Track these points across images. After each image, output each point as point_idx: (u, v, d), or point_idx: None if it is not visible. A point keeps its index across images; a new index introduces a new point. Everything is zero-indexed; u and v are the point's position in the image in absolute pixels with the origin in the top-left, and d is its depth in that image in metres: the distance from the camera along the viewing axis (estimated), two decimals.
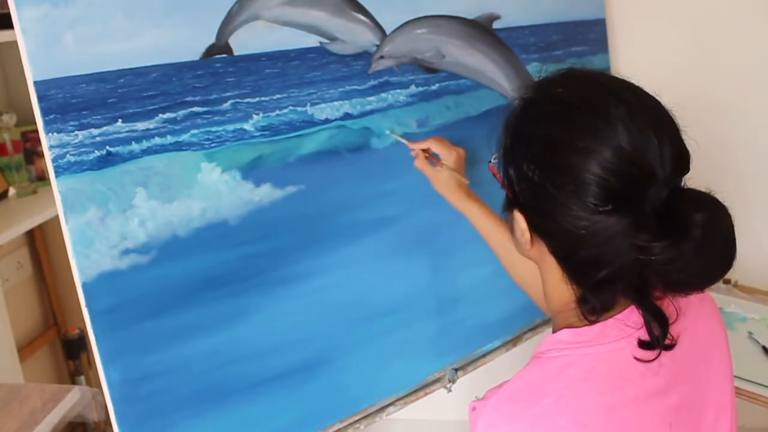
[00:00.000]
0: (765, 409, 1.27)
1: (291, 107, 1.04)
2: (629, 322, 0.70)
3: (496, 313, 1.30)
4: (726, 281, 1.62)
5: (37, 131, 0.84)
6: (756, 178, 1.64)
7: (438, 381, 1.23)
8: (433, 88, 1.21)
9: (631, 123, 0.65)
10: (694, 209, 0.63)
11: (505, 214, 0.78)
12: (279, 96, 1.03)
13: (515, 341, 1.34)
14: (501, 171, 0.76)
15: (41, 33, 0.82)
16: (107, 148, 0.88)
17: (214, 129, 0.96)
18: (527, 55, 1.36)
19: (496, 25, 1.29)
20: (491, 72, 1.29)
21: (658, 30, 1.66)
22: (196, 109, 0.95)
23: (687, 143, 0.68)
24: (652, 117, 0.67)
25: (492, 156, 0.79)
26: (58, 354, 2.08)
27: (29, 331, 1.97)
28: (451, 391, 1.24)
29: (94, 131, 0.87)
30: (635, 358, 0.69)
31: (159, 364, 0.92)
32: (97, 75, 0.86)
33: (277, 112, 1.02)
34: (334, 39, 1.08)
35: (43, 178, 1.88)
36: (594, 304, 0.71)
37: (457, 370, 1.25)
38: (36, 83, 0.82)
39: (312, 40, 1.05)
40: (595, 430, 0.66)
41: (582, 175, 0.65)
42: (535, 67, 1.36)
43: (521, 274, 1.07)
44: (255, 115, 1.00)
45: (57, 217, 0.86)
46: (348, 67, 1.10)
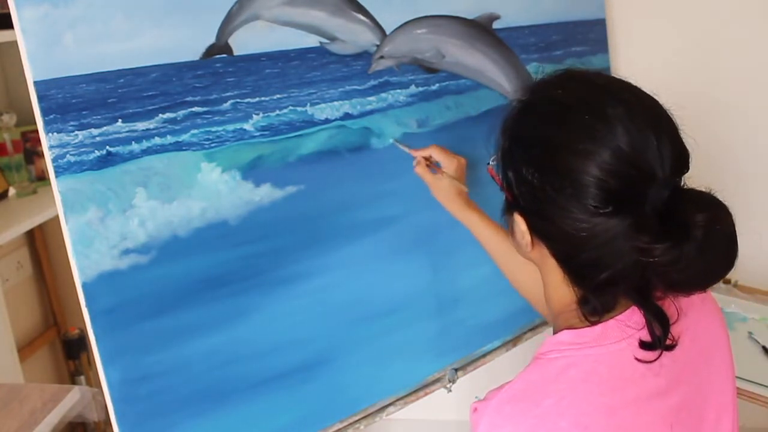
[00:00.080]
0: (765, 409, 1.27)
1: (291, 107, 1.04)
2: (630, 322, 0.70)
3: (496, 313, 1.30)
4: (726, 281, 1.62)
5: (37, 131, 0.84)
6: (756, 178, 1.64)
7: (438, 381, 1.23)
8: (433, 88, 1.21)
9: (630, 123, 0.65)
10: (695, 209, 0.63)
11: (505, 217, 0.78)
12: (279, 96, 1.03)
13: (515, 341, 1.34)
14: (500, 174, 0.76)
15: (41, 33, 0.82)
16: (107, 148, 0.88)
17: (214, 129, 0.96)
18: (527, 55, 1.36)
19: (496, 25, 1.29)
20: (491, 72, 1.29)
21: (658, 30, 1.66)
22: (196, 109, 0.95)
23: (686, 142, 0.68)
24: (651, 117, 0.67)
25: (490, 158, 0.78)
26: (58, 354, 2.08)
27: (29, 331, 1.97)
28: (451, 391, 1.24)
29: (94, 131, 0.87)
30: (636, 358, 0.69)
31: (159, 364, 0.92)
32: (97, 75, 0.86)
33: (277, 112, 1.02)
34: (334, 39, 1.08)
35: (43, 178, 1.88)
36: (595, 305, 0.71)
37: (457, 370, 1.25)
38: (36, 83, 0.82)
39: (312, 40, 1.05)
40: (596, 431, 0.66)
41: (581, 178, 0.65)
42: (534, 68, 1.36)
43: (520, 280, 1.07)
44: (255, 115, 1.00)
45: (57, 217, 0.85)
46: (348, 67, 1.10)
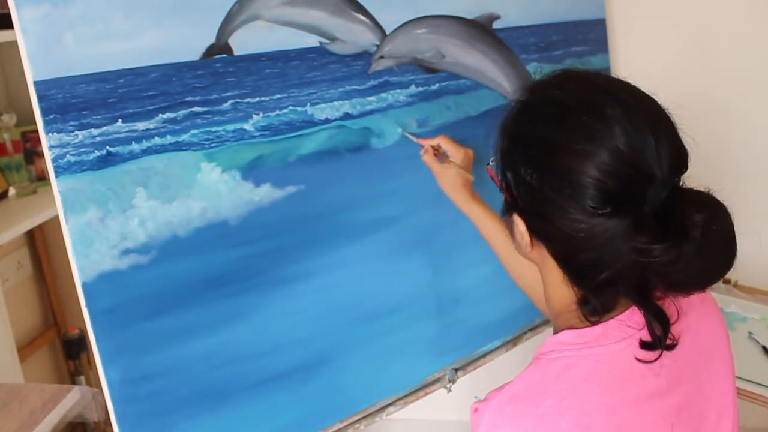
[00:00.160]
0: (765, 409, 1.27)
1: (291, 107, 1.04)
2: (630, 322, 0.70)
3: (496, 313, 1.30)
4: (726, 281, 1.62)
5: (37, 131, 0.84)
6: (756, 178, 1.64)
7: (438, 381, 1.23)
8: (433, 88, 1.21)
9: (628, 124, 0.65)
10: (693, 209, 0.63)
11: (505, 218, 0.78)
12: (279, 96, 1.03)
13: (515, 341, 1.34)
14: (499, 174, 0.76)
15: (41, 33, 0.82)
16: (107, 148, 0.88)
17: (214, 129, 0.96)
18: (527, 55, 1.35)
19: (496, 25, 1.29)
20: (491, 72, 1.29)
21: (658, 30, 1.66)
22: (196, 109, 0.95)
23: (686, 142, 0.68)
24: (649, 117, 0.67)
25: (490, 159, 0.78)
26: (58, 354, 2.08)
27: (29, 331, 1.97)
28: (451, 391, 1.24)
29: (94, 131, 0.87)
30: (637, 358, 0.69)
31: (159, 364, 0.92)
32: (97, 75, 0.86)
33: (277, 112, 1.02)
34: (334, 39, 1.08)
35: (43, 178, 1.88)
36: (595, 306, 0.71)
37: (457, 370, 1.25)
38: (36, 83, 0.82)
39: (312, 40, 1.05)
40: (596, 431, 0.66)
41: (580, 178, 0.65)
42: (533, 68, 1.36)
43: (522, 274, 1.07)
44: (255, 115, 1.00)
45: (57, 217, 0.85)
46: (348, 67, 1.10)
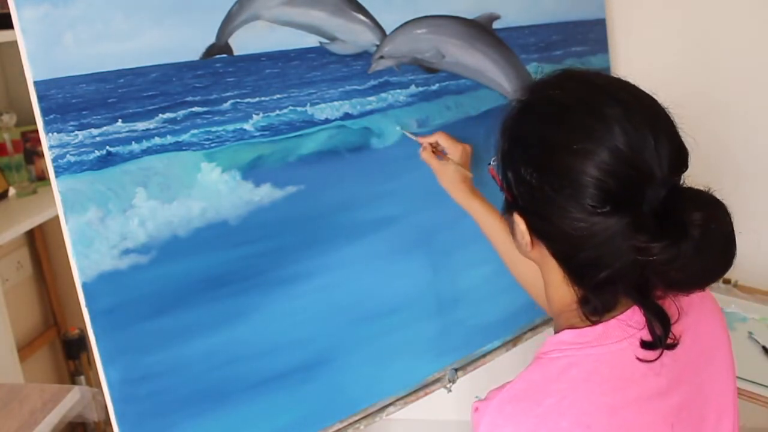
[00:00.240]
0: (765, 409, 1.27)
1: (291, 107, 1.04)
2: (631, 322, 0.70)
3: (496, 313, 1.30)
4: (726, 281, 1.62)
5: (37, 131, 0.84)
6: (756, 178, 1.64)
7: (438, 381, 1.23)
8: (433, 88, 1.21)
9: (628, 123, 0.65)
10: (692, 208, 0.63)
11: (505, 217, 0.78)
12: (279, 96, 1.03)
13: (515, 341, 1.34)
14: (500, 174, 0.76)
15: (41, 33, 0.82)
16: (107, 148, 0.88)
17: (214, 129, 0.96)
18: (527, 55, 1.36)
19: (496, 25, 1.29)
20: (491, 72, 1.29)
21: (658, 30, 1.66)
22: (196, 109, 0.95)
23: (685, 142, 0.68)
24: (649, 116, 0.67)
25: (491, 159, 0.78)
26: (58, 354, 2.08)
27: (29, 331, 1.97)
28: (451, 391, 1.24)
29: (94, 131, 0.87)
30: (637, 358, 0.69)
31: (159, 364, 0.92)
32: (97, 75, 0.86)
33: (277, 112, 1.02)
34: (334, 39, 1.08)
35: (43, 178, 1.88)
36: (595, 305, 0.71)
37: (457, 370, 1.25)
38: (36, 83, 0.82)
39: (312, 40, 1.05)
40: (597, 430, 0.66)
41: (579, 178, 0.65)
42: (533, 68, 1.36)
43: (522, 271, 1.07)
44: (255, 115, 1.00)
45: (57, 217, 0.85)
46: (348, 67, 1.10)
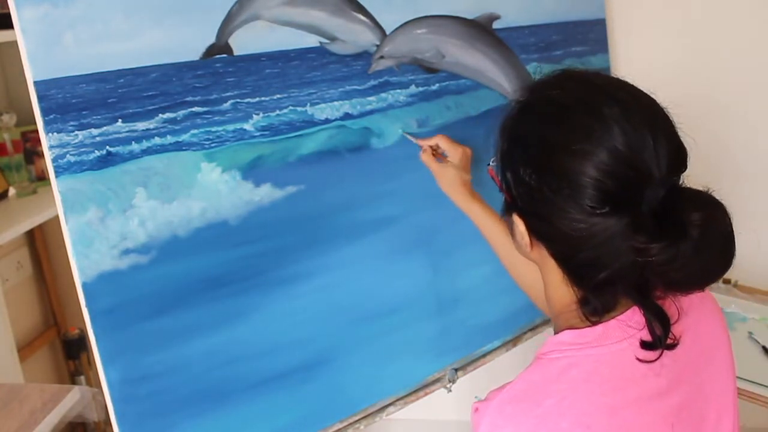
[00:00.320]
0: (765, 409, 1.27)
1: (291, 107, 1.04)
2: (631, 322, 0.70)
3: (496, 313, 1.30)
4: (726, 281, 1.62)
5: (37, 131, 0.84)
6: (755, 179, 1.64)
7: (438, 381, 1.23)
8: (433, 88, 1.21)
9: (626, 123, 0.65)
10: (691, 209, 0.63)
11: (505, 218, 0.78)
12: (279, 96, 1.03)
13: (515, 341, 1.34)
14: (499, 174, 0.76)
15: (41, 33, 0.82)
16: (107, 148, 0.88)
17: (214, 129, 0.96)
18: (527, 55, 1.36)
19: (496, 25, 1.29)
20: (491, 72, 1.29)
21: (658, 30, 1.66)
22: (196, 109, 0.95)
23: (685, 142, 0.68)
24: (648, 116, 0.67)
25: (491, 159, 0.78)
26: (58, 354, 2.08)
27: (29, 331, 1.97)
28: (451, 391, 1.24)
29: (94, 131, 0.87)
30: (637, 358, 0.69)
31: (159, 364, 0.92)
32: (97, 75, 0.86)
33: (277, 112, 1.02)
34: (334, 39, 1.08)
35: (43, 178, 1.88)
36: (595, 305, 0.71)
37: (457, 370, 1.25)
38: (36, 83, 0.82)
39: (312, 40, 1.05)
40: (597, 431, 0.66)
41: (578, 178, 0.65)
42: (533, 68, 1.36)
43: (522, 274, 1.07)
44: (255, 115, 1.00)
45: (57, 217, 0.85)
46: (348, 67, 1.10)
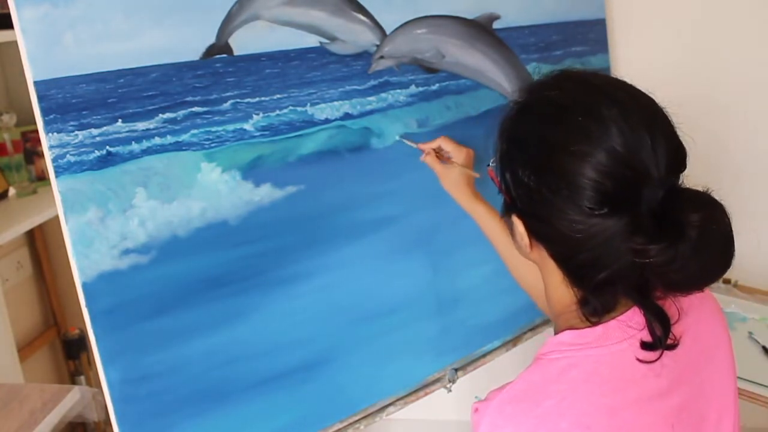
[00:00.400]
0: (765, 409, 1.27)
1: (291, 107, 1.04)
2: (631, 323, 0.70)
3: (496, 313, 1.30)
4: (726, 281, 1.62)
5: (37, 131, 0.84)
6: (755, 179, 1.64)
7: (438, 381, 1.23)
8: (433, 88, 1.21)
9: (624, 124, 0.65)
10: (690, 209, 0.63)
11: (505, 219, 0.78)
12: (279, 96, 1.03)
13: (515, 341, 1.34)
14: (498, 175, 0.76)
15: (41, 33, 0.82)
16: (107, 148, 0.88)
17: (214, 129, 0.96)
18: (527, 55, 1.36)
19: (496, 25, 1.29)
20: (491, 72, 1.29)
21: (658, 30, 1.66)
22: (196, 109, 0.95)
23: (684, 142, 0.68)
24: (646, 117, 0.67)
25: (491, 160, 0.78)
26: (58, 354, 2.08)
27: (29, 331, 1.97)
28: (451, 391, 1.24)
29: (94, 131, 0.87)
30: (637, 359, 0.69)
31: (159, 364, 0.92)
32: (97, 75, 0.86)
33: (277, 112, 1.02)
34: (334, 39, 1.08)
35: (43, 178, 1.88)
36: (595, 306, 0.71)
37: (457, 370, 1.25)
38: (36, 83, 0.82)
39: (312, 40, 1.05)
40: (597, 431, 0.66)
41: (577, 179, 0.65)
42: (532, 68, 1.36)
43: (524, 274, 1.07)
44: (255, 115, 1.00)
45: (57, 217, 0.85)
46: (348, 67, 1.10)
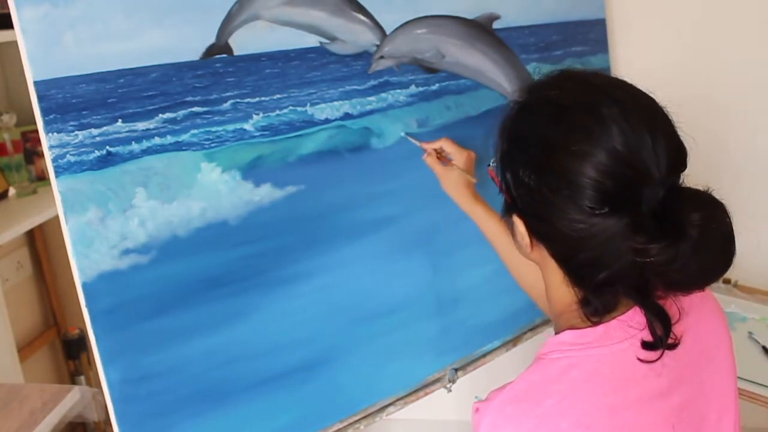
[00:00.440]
0: (765, 409, 1.27)
1: (291, 107, 1.04)
2: (632, 323, 0.70)
3: (496, 313, 1.30)
4: (726, 281, 1.62)
5: (37, 131, 0.84)
6: (755, 178, 1.64)
7: (438, 381, 1.23)
8: (433, 88, 1.21)
9: (625, 123, 0.65)
10: (691, 208, 0.63)
11: (505, 219, 0.78)
12: (279, 96, 1.03)
13: (515, 341, 1.34)
14: (499, 175, 0.76)
15: (41, 33, 0.82)
16: (107, 148, 0.88)
17: (214, 129, 0.96)
18: (527, 55, 1.36)
19: (496, 25, 1.29)
20: (491, 72, 1.29)
21: (658, 30, 1.66)
22: (196, 109, 0.95)
23: (685, 141, 0.68)
24: (646, 116, 0.67)
25: (491, 160, 0.78)
26: (58, 354, 2.08)
27: (29, 331, 1.97)
28: (451, 391, 1.24)
29: (94, 131, 0.87)
30: (638, 359, 0.68)
31: (159, 364, 0.92)
32: (97, 75, 0.86)
33: (277, 112, 1.02)
34: (334, 39, 1.08)
35: (43, 178, 1.88)
36: (596, 306, 0.71)
37: (457, 370, 1.25)
38: (36, 83, 0.82)
39: (312, 40, 1.05)
40: (598, 431, 0.66)
41: (577, 179, 0.65)
42: (533, 68, 1.36)
43: (524, 275, 1.07)
44: (255, 115, 1.00)
45: (57, 217, 0.85)
46: (348, 67, 1.10)
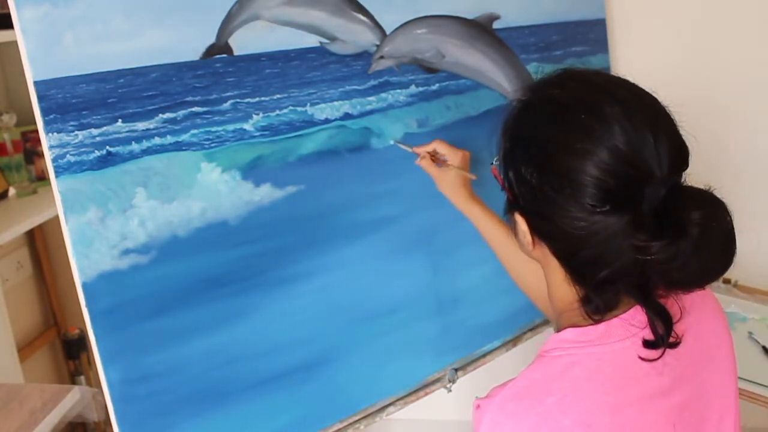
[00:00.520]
0: (765, 409, 1.27)
1: (291, 107, 1.04)
2: (634, 321, 0.70)
3: (496, 313, 1.30)
4: (726, 281, 1.62)
5: (37, 131, 0.84)
6: (755, 178, 1.64)
7: (438, 381, 1.23)
8: (433, 88, 1.21)
9: (627, 122, 0.65)
10: (692, 207, 0.63)
11: (507, 217, 0.78)
12: (279, 96, 1.03)
13: (515, 341, 1.34)
14: (501, 174, 0.76)
15: (41, 33, 0.82)
16: (107, 148, 0.88)
17: (214, 129, 0.96)
18: (527, 55, 1.36)
19: (496, 25, 1.29)
20: (491, 72, 1.29)
21: (658, 30, 1.66)
22: (196, 109, 0.95)
23: (686, 141, 0.68)
24: (649, 115, 0.67)
25: (494, 158, 0.79)
26: (58, 354, 2.08)
27: (29, 331, 1.97)
28: (451, 391, 1.24)
29: (94, 131, 0.87)
30: (640, 357, 0.69)
31: (159, 364, 0.92)
32: (97, 75, 0.86)
33: (277, 112, 1.02)
34: (334, 39, 1.08)
35: (43, 178, 1.88)
36: (597, 304, 0.71)
37: (457, 370, 1.25)
38: (36, 83, 0.82)
39: (312, 40, 1.05)
40: (599, 429, 0.66)
41: (579, 177, 0.66)
42: (533, 68, 1.36)
43: (522, 275, 1.07)
44: (255, 115, 1.00)
45: (57, 217, 0.85)
46: (348, 67, 1.10)
